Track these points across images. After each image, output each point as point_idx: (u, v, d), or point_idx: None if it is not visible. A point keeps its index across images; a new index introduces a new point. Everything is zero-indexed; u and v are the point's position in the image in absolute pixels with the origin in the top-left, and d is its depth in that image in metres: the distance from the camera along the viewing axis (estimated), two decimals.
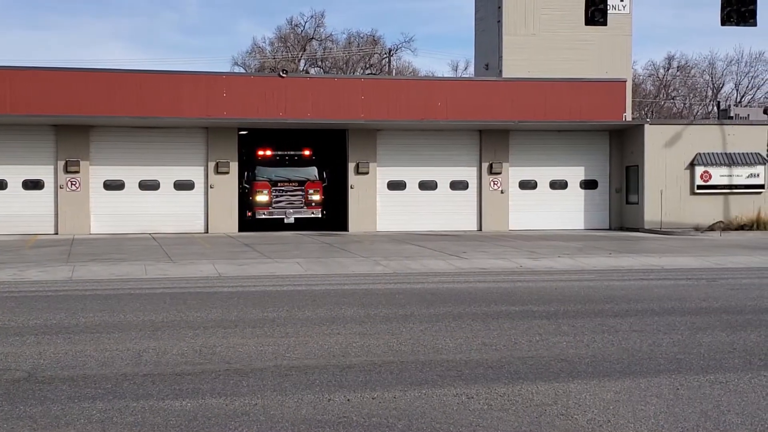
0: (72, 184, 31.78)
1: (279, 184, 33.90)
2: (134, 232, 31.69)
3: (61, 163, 31.79)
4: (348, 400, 8.18)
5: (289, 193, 33.91)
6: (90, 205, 32.05)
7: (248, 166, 34.45)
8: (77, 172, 31.78)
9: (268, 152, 34.40)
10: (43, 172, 31.86)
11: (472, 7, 42.27)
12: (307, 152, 34.75)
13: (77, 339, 11.39)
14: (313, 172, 34.49)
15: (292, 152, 34.68)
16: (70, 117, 31.12)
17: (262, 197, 33.64)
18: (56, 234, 31.31)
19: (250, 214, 33.94)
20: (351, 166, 33.95)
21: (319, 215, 34.13)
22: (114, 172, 32.38)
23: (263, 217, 33.72)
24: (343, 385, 8.75)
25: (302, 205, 33.91)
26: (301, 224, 33.82)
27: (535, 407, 7.69)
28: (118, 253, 23.94)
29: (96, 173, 32.20)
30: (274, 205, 33.69)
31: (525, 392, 8.21)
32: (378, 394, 8.30)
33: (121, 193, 32.41)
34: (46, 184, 31.86)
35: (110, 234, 31.25)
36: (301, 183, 34.03)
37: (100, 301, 15.01)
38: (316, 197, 34.07)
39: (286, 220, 33.55)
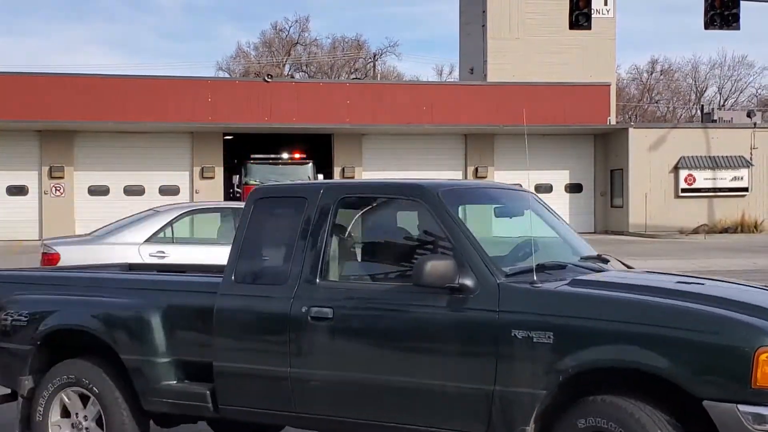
0: (56, 189, 31.65)
1: None
2: None
3: (45, 169, 31.65)
4: None
5: None
6: (74, 211, 31.91)
7: (239, 170, 33.72)
8: (62, 177, 31.66)
9: (261, 156, 33.35)
10: (28, 178, 31.72)
11: (456, 11, 42.39)
12: (301, 155, 33.78)
13: None
14: (308, 174, 33.45)
15: (286, 155, 33.69)
16: (54, 122, 31.01)
17: None
18: (40, 240, 31.13)
19: None
20: (337, 170, 33.90)
21: None
22: (98, 178, 32.25)
23: None
24: None
25: None
26: None
27: None
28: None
29: (80, 179, 32.08)
30: None
31: None
32: None
33: (106, 199, 32.27)
34: (30, 190, 31.73)
35: None
36: None
37: None
38: None
39: None
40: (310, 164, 33.66)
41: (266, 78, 34.87)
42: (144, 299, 5.95)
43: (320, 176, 33.64)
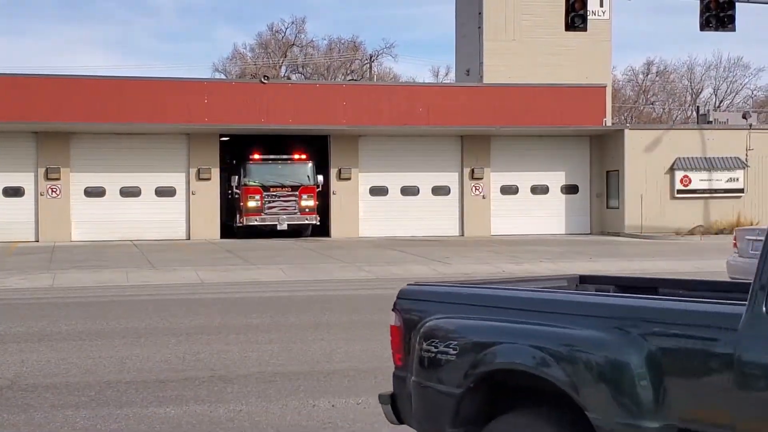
0: (52, 191, 31.63)
1: (271, 190, 32.62)
2: (115, 239, 31.49)
3: (41, 170, 31.62)
4: (333, 405, 8.20)
5: (282, 199, 32.64)
6: (71, 212, 31.89)
7: (237, 172, 33.42)
8: (58, 179, 31.63)
9: (259, 156, 33.13)
10: (24, 180, 31.67)
11: (452, 13, 42.40)
12: (300, 156, 33.48)
13: (60, 346, 11.36)
14: (308, 174, 33.26)
15: (284, 156, 33.43)
16: (50, 124, 30.97)
17: (253, 203, 32.34)
18: (37, 241, 31.12)
19: (241, 221, 32.56)
20: (333, 171, 33.88)
21: (314, 222, 32.78)
22: (95, 179, 32.22)
23: (255, 224, 32.54)
24: (327, 391, 8.77)
25: (296, 211, 32.59)
26: (280, 230, 32.90)
27: None
28: (100, 260, 23.86)
29: (77, 180, 32.04)
30: (266, 212, 32.41)
31: None
32: (362, 400, 8.32)
33: (102, 200, 32.26)
34: (26, 192, 31.69)
35: (91, 241, 31.09)
36: (295, 188, 32.75)
37: (82, 309, 14.96)
38: (311, 203, 32.77)
39: (279, 227, 32.30)
40: (311, 164, 33.52)
41: (263, 79, 34.85)
42: (618, 333, 4.31)
43: (320, 177, 33.53)
